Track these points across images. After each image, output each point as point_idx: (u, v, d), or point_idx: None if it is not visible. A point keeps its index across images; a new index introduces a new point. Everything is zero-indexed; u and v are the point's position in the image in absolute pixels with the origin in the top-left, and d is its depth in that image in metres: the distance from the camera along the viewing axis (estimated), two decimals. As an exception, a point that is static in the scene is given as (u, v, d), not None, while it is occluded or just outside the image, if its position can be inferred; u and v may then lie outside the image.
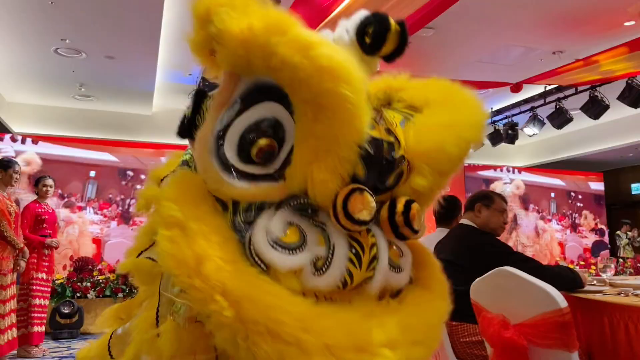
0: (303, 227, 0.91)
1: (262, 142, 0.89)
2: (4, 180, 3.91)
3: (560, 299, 1.42)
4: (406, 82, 1.28)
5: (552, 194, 10.36)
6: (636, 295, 2.14)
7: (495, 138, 8.80)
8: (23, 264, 3.92)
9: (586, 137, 9.93)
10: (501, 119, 8.87)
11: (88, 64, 6.78)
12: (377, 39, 1.04)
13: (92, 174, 7.78)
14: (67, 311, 5.15)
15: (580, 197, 10.48)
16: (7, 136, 7.51)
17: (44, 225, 4.48)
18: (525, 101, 8.20)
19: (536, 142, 10.74)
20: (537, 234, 9.93)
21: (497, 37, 6.24)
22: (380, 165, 0.99)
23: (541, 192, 10.27)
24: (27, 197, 6.39)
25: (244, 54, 0.86)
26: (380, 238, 0.98)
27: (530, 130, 8.14)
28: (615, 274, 2.81)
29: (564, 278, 2.19)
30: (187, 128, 1.11)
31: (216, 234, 0.87)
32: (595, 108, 6.84)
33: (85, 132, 8.65)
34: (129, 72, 7.03)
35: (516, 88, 6.95)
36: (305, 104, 0.87)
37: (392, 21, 1.05)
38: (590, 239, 10.26)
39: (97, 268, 5.83)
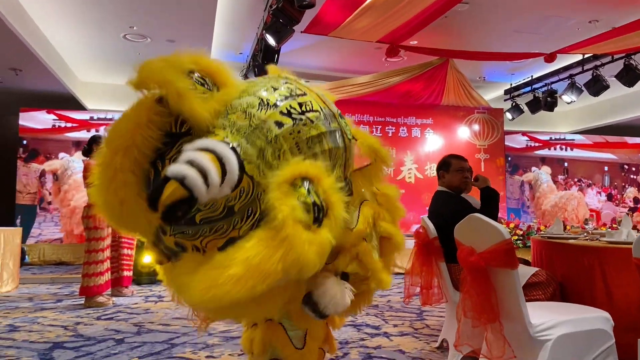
0: None
1: None
2: (98, 152, 4.75)
3: (505, 232, 1.99)
4: None
5: (606, 168, 10.75)
6: (600, 240, 2.68)
7: (534, 106, 8.98)
8: (115, 220, 4.78)
9: (631, 102, 9.90)
10: (540, 87, 9.03)
11: (152, 47, 7.57)
12: None
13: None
14: (147, 261, 6.13)
15: (633, 169, 10.74)
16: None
17: (128, 189, 5.40)
18: (564, 69, 8.33)
19: (580, 108, 10.78)
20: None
21: (534, 7, 6.42)
22: None
23: (595, 166, 10.74)
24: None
25: None
26: None
27: (568, 97, 8.30)
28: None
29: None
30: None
31: None
32: (629, 76, 6.96)
33: (149, 108, 9.54)
34: (187, 53, 7.77)
35: (550, 58, 7.14)
36: None
37: None
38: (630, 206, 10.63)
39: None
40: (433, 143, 9.34)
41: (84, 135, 8.31)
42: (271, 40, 5.41)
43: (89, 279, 4.59)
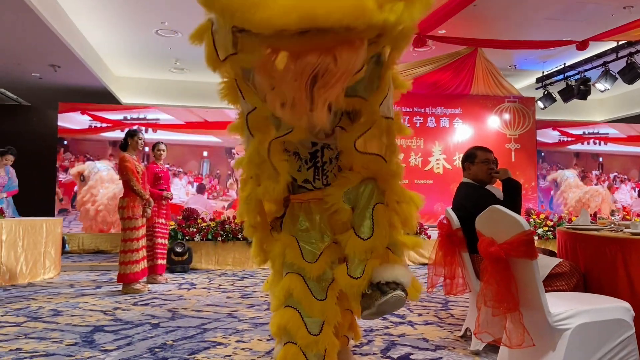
0: None
1: None
2: (132, 146, 4.97)
3: (524, 224, 2.03)
4: None
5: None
6: (623, 231, 2.67)
7: (567, 94, 8.79)
8: (149, 211, 5.00)
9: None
10: (573, 75, 8.83)
11: (183, 42, 7.74)
12: None
13: (205, 154, 9.25)
14: (180, 250, 6.35)
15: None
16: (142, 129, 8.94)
17: (161, 181, 5.60)
18: (598, 56, 8.12)
19: (615, 96, 10.49)
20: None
21: (567, -7, 6.29)
22: None
23: (630, 160, 10.49)
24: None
25: None
26: None
27: (601, 85, 8.09)
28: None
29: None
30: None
31: None
32: (666, 63, 6.74)
33: (180, 100, 9.85)
34: (217, 47, 7.93)
35: (582, 46, 6.97)
36: None
37: None
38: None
39: (201, 217, 7.00)
40: (462, 133, 9.27)
41: (118, 135, 8.60)
42: (298, 34, 5.47)
43: (126, 266, 4.81)
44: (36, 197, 8.60)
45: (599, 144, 10.39)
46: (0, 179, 6.13)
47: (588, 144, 10.36)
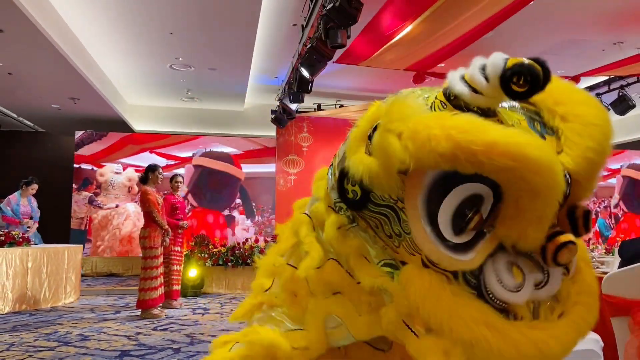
0: (519, 263, 1.01)
1: (476, 217, 0.98)
2: (153, 180, 5.34)
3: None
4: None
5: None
6: (597, 268, 3.00)
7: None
8: (168, 240, 5.34)
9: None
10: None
11: (195, 75, 8.19)
12: (530, 90, 0.97)
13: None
14: (192, 276, 6.67)
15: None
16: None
17: (177, 211, 5.94)
18: (590, 88, 8.48)
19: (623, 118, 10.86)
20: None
21: (557, 31, 6.68)
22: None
23: None
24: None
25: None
26: None
27: (594, 116, 8.44)
28: None
29: None
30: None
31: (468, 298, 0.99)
32: (655, 96, 7.09)
33: (189, 127, 10.29)
34: (226, 79, 8.37)
35: (573, 81, 7.34)
36: (519, 191, 0.95)
37: (537, 68, 0.94)
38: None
39: (212, 242, 7.35)
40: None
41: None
42: (306, 73, 5.89)
43: (145, 293, 5.13)
44: (52, 221, 8.94)
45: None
46: (24, 208, 6.47)
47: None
